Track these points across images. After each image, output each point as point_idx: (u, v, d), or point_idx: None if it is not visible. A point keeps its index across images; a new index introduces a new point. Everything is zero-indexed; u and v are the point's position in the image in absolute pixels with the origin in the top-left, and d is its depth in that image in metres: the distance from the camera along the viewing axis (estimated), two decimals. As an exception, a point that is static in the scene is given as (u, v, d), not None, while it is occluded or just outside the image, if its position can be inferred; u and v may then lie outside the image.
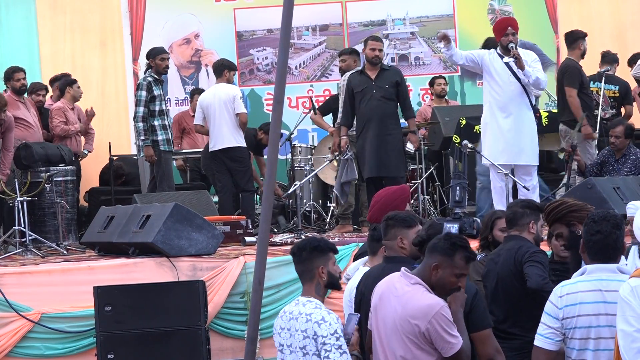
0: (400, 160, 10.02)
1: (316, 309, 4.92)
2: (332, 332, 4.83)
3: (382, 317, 4.84)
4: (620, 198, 8.68)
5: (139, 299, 7.78)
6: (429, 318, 4.64)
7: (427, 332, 4.65)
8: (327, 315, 4.89)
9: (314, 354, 4.85)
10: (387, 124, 9.91)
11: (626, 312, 4.24)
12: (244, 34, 14.02)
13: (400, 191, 6.53)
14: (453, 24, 13.96)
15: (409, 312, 4.69)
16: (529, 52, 9.62)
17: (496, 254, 6.04)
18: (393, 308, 4.76)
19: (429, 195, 11.60)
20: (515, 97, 9.36)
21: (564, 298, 4.57)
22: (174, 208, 8.45)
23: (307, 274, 5.06)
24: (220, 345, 8.12)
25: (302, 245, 5.16)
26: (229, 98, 10.69)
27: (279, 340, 5.05)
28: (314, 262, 5.04)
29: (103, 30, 13.84)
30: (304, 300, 5.01)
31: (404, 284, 4.78)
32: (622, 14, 14.01)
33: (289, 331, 4.98)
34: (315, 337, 4.84)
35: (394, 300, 4.77)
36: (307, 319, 4.88)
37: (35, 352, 8.03)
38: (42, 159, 10.23)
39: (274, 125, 3.51)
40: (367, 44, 10.15)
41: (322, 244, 5.12)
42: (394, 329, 4.75)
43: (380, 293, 4.89)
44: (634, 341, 4.19)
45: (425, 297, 4.72)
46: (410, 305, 4.70)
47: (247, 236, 9.43)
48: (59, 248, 9.57)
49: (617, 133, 9.87)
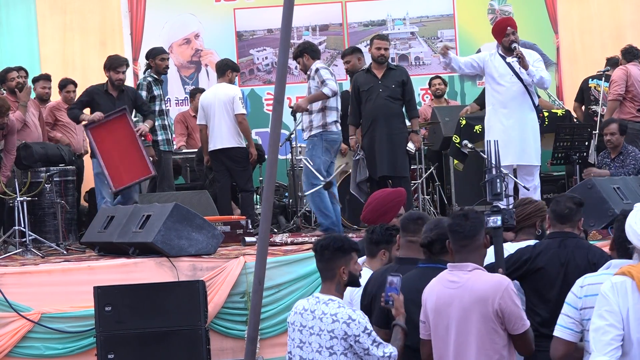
0: (406, 160, 10.10)
1: (340, 308, 4.98)
2: (362, 329, 4.92)
3: (445, 315, 4.85)
4: (620, 198, 8.69)
5: (139, 299, 7.77)
6: (500, 293, 4.73)
7: (500, 309, 4.72)
8: (353, 313, 4.97)
9: (342, 353, 4.92)
10: (394, 123, 9.94)
11: (602, 307, 4.27)
12: (244, 34, 14.02)
13: (395, 194, 6.52)
14: (453, 24, 13.96)
15: (478, 294, 4.76)
16: (531, 52, 9.62)
17: (546, 248, 5.67)
18: (458, 300, 4.80)
19: (428, 195, 11.60)
20: (517, 97, 9.36)
21: (584, 288, 4.58)
22: (174, 208, 8.45)
23: (328, 272, 5.11)
24: (220, 345, 8.11)
25: (325, 244, 5.16)
26: (229, 98, 10.69)
27: (298, 337, 5.08)
28: (335, 262, 5.08)
29: (103, 30, 13.84)
30: (325, 299, 5.05)
31: (460, 275, 4.85)
32: (622, 14, 14.01)
33: (311, 329, 5.01)
34: (345, 337, 4.91)
35: (456, 292, 4.82)
36: (334, 319, 4.94)
37: (35, 352, 8.02)
38: (42, 158, 10.23)
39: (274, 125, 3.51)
40: (372, 43, 10.18)
41: (346, 244, 5.15)
42: (463, 319, 4.78)
43: (436, 295, 4.91)
44: (605, 334, 4.22)
45: (491, 276, 4.87)
46: (477, 286, 4.78)
47: (247, 236, 9.43)
48: (59, 248, 9.57)
49: (611, 130, 9.88)
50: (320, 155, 9.70)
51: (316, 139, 9.74)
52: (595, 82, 11.82)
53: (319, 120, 9.74)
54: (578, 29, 14.04)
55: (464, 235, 4.90)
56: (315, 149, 9.72)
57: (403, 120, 10.18)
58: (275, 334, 8.07)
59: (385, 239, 5.92)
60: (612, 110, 11.14)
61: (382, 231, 5.95)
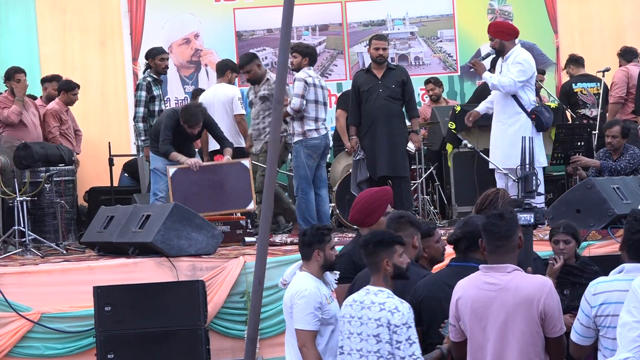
0: (406, 160, 10.13)
1: (389, 298, 5.11)
2: (404, 322, 5.01)
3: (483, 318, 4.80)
4: (620, 198, 8.67)
5: (139, 299, 7.78)
6: (545, 294, 4.70)
7: (544, 309, 4.69)
8: (400, 305, 5.07)
9: (387, 342, 5.02)
10: (394, 123, 9.96)
11: (631, 303, 4.25)
12: (244, 34, 14.02)
13: (381, 192, 6.49)
14: (453, 24, 13.95)
15: (523, 295, 4.71)
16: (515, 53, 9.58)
17: None
18: (500, 302, 4.75)
19: (428, 195, 11.60)
20: (500, 100, 9.56)
21: (597, 296, 4.56)
22: (173, 208, 8.45)
23: (374, 266, 5.23)
24: (220, 345, 8.11)
25: (368, 238, 5.31)
26: (228, 99, 10.72)
27: (348, 328, 5.19)
28: (379, 255, 5.21)
29: (103, 30, 13.83)
30: (375, 290, 5.18)
31: (499, 277, 4.80)
32: (622, 14, 14.01)
33: (359, 319, 5.14)
34: (388, 325, 5.02)
35: (496, 294, 4.77)
36: (381, 307, 5.07)
37: (35, 352, 8.02)
38: (42, 158, 10.22)
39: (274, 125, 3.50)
40: (371, 43, 10.18)
41: (387, 237, 5.28)
42: (505, 322, 4.73)
43: (471, 298, 4.85)
44: (631, 330, 4.21)
45: (533, 277, 4.84)
46: (522, 287, 4.73)
47: (247, 236, 9.43)
48: (59, 248, 9.56)
49: (613, 133, 9.84)
50: (305, 162, 9.80)
51: (297, 146, 9.86)
52: (580, 87, 11.81)
53: (299, 127, 9.84)
54: (578, 29, 14.03)
55: (500, 236, 4.83)
56: (298, 156, 9.84)
57: (403, 121, 10.20)
58: (275, 334, 8.06)
59: (317, 239, 5.96)
60: (614, 113, 11.13)
61: (313, 232, 5.99)
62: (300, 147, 9.82)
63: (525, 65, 9.46)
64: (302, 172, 9.78)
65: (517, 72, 9.42)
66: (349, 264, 6.19)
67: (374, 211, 6.28)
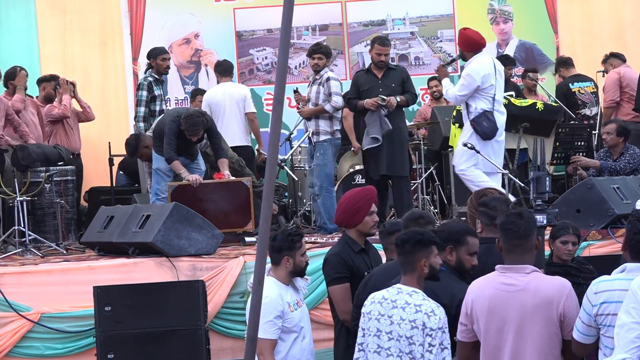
0: (406, 159, 10.15)
1: (425, 300, 5.00)
2: (439, 326, 4.92)
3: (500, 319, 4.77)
4: (620, 198, 8.68)
5: (139, 299, 7.78)
6: (565, 296, 4.68)
7: (564, 311, 4.68)
8: (437, 309, 4.97)
9: (420, 344, 4.92)
10: (394, 123, 9.95)
11: (630, 304, 4.24)
12: (244, 34, 14.02)
13: (364, 192, 6.44)
14: (453, 24, 13.95)
15: (543, 297, 4.69)
16: (469, 65, 9.55)
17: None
18: (518, 303, 4.72)
19: (428, 195, 11.61)
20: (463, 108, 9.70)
21: (598, 295, 4.55)
22: (173, 208, 8.46)
23: (409, 265, 5.10)
24: (220, 345, 8.11)
25: (405, 237, 5.15)
26: (241, 97, 10.93)
27: (376, 326, 5.07)
28: (416, 255, 5.08)
29: (103, 30, 13.83)
30: (408, 290, 5.05)
31: (517, 277, 4.76)
32: (622, 14, 14.01)
33: (390, 318, 5.02)
34: (423, 327, 4.91)
35: (514, 295, 4.74)
36: (417, 309, 4.96)
37: (35, 352, 8.03)
38: (41, 158, 10.21)
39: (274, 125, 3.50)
40: (374, 46, 10.14)
41: (426, 237, 5.13)
42: (523, 324, 4.71)
43: (488, 298, 4.82)
44: (629, 331, 4.20)
45: (552, 278, 4.81)
46: (541, 288, 4.71)
47: (247, 236, 9.43)
48: (59, 248, 9.57)
49: (608, 129, 9.85)
50: (332, 160, 10.11)
51: (325, 144, 10.05)
52: (577, 86, 11.81)
53: (328, 127, 10.04)
54: (578, 28, 14.03)
55: (518, 235, 4.80)
56: (326, 154, 10.03)
57: (403, 120, 10.22)
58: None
59: (288, 246, 5.88)
60: (608, 117, 11.16)
61: (283, 237, 5.91)
62: (329, 146, 10.07)
63: (467, 79, 9.40)
64: (329, 170, 10.07)
65: (460, 87, 9.52)
66: (340, 264, 6.16)
67: (358, 211, 6.22)
